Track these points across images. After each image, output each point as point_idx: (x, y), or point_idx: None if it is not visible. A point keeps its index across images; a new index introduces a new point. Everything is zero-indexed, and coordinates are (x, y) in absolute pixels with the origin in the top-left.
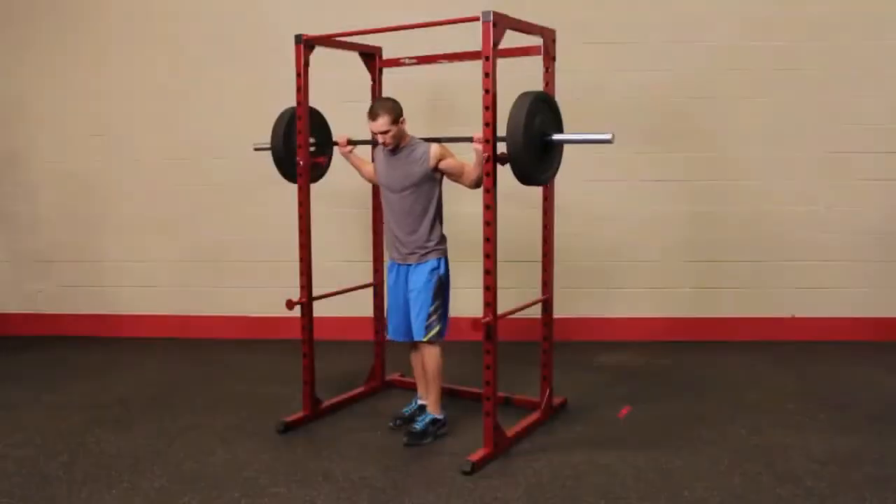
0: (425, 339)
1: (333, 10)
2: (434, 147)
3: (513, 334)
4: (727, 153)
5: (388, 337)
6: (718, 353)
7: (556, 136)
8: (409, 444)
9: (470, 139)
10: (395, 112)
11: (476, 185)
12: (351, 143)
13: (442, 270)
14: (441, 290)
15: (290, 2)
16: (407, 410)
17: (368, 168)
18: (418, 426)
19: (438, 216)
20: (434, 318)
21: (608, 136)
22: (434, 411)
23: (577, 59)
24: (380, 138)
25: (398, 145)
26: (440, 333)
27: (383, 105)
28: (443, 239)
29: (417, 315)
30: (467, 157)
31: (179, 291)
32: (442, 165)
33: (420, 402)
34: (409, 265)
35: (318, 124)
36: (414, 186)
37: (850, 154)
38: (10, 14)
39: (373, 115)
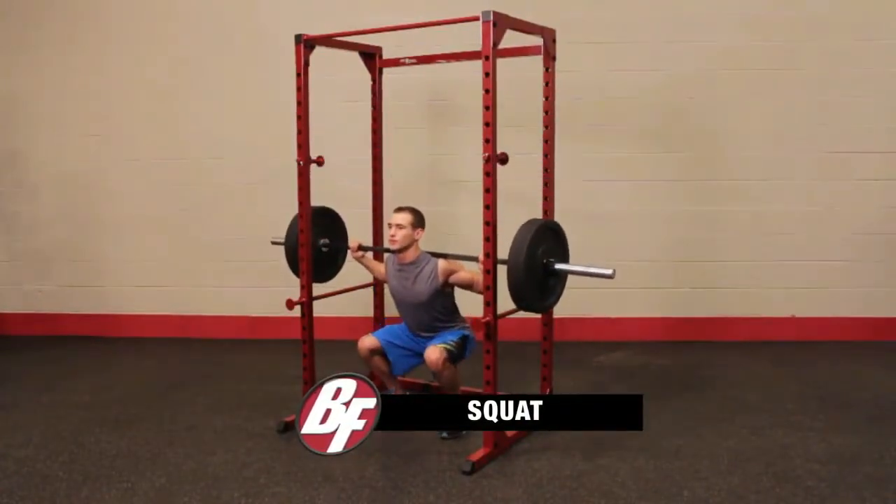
0: (441, 345)
1: (333, 10)
2: (441, 263)
3: (513, 334)
4: (727, 153)
5: (373, 334)
6: (718, 353)
7: (559, 266)
8: (449, 437)
9: (476, 258)
10: (418, 218)
11: None
12: (362, 248)
13: (469, 336)
14: (463, 345)
15: (290, 2)
16: None
17: (381, 269)
18: None
19: (454, 308)
20: (454, 346)
21: (609, 272)
22: None
23: (577, 59)
24: (391, 230)
25: (404, 251)
26: (452, 358)
27: (412, 208)
28: (462, 318)
29: (441, 340)
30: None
31: (179, 291)
32: (452, 280)
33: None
34: (429, 336)
35: (334, 224)
36: (425, 302)
37: (850, 154)
38: (9, 14)
39: (399, 209)
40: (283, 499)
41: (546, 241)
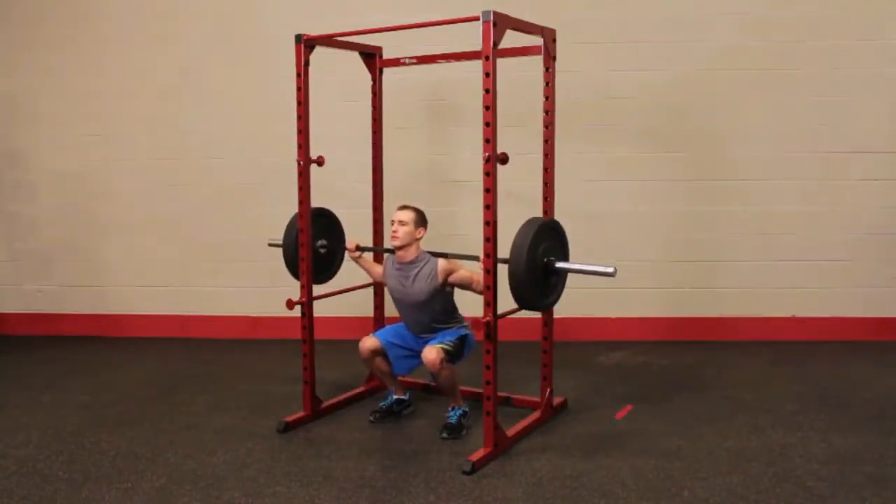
0: (439, 345)
1: (333, 10)
2: (441, 263)
3: (513, 334)
4: (727, 153)
5: (374, 335)
6: (718, 353)
7: (560, 265)
8: (449, 437)
9: (477, 258)
10: (421, 217)
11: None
12: (359, 248)
13: (468, 335)
14: (461, 345)
15: (290, 2)
16: (384, 404)
17: (378, 271)
18: (452, 420)
19: (453, 308)
20: (451, 346)
21: (610, 270)
22: (460, 405)
23: (577, 59)
24: (394, 226)
25: (405, 248)
26: (450, 358)
27: (416, 207)
28: (461, 318)
29: (440, 339)
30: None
31: (179, 291)
32: (451, 279)
33: (395, 396)
34: (429, 337)
35: (331, 225)
36: (424, 301)
37: (850, 154)
38: (9, 14)
39: (403, 206)
40: (283, 499)
41: (547, 239)
